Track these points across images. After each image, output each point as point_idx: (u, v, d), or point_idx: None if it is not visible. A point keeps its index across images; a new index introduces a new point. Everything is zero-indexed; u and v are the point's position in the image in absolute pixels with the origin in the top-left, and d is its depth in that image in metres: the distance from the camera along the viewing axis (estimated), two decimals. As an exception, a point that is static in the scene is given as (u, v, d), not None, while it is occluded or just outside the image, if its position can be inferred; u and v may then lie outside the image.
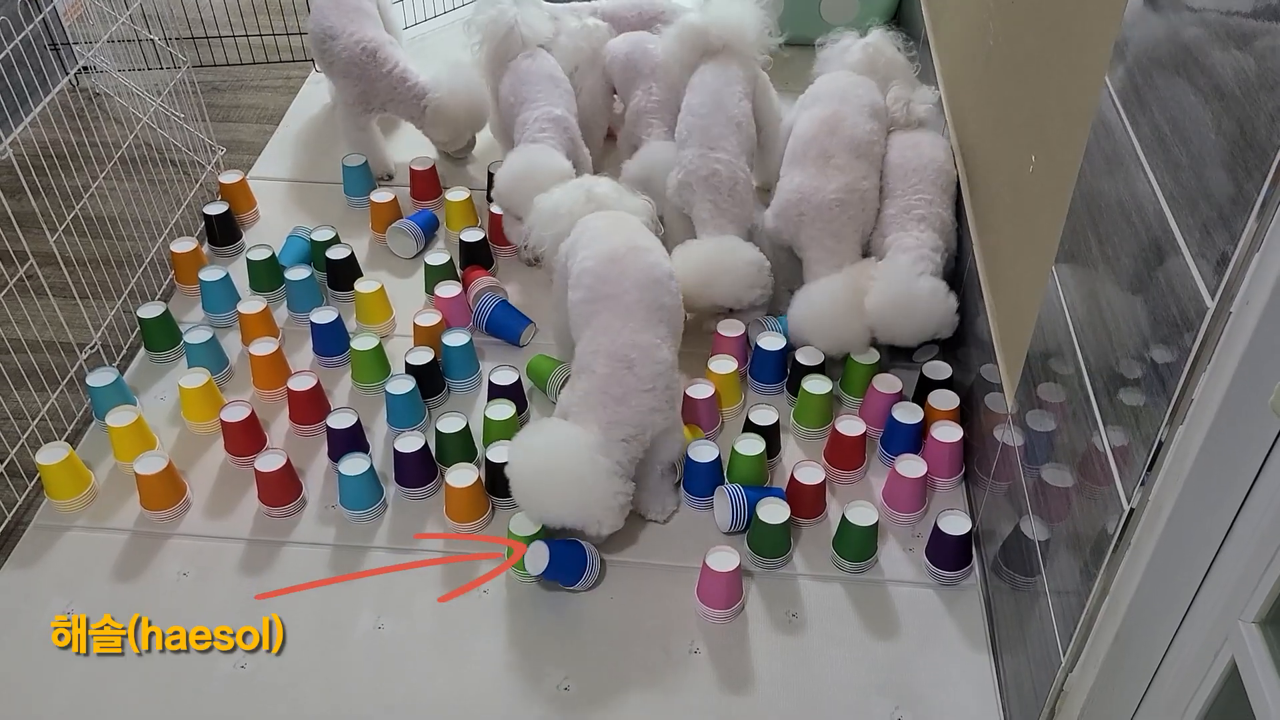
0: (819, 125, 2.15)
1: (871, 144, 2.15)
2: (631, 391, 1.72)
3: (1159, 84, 1.13)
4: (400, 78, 2.50)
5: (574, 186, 2.05)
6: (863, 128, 2.14)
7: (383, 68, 2.48)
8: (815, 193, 2.08)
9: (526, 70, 2.44)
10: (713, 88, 2.25)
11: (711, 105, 2.22)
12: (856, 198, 2.09)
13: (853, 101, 2.18)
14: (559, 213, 2.01)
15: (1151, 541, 1.14)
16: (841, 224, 2.08)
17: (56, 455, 1.85)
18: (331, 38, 2.50)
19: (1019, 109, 1.76)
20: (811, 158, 2.12)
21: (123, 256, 2.41)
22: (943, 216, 2.08)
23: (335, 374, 2.15)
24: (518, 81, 2.43)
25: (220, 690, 1.62)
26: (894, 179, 2.14)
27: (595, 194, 2.01)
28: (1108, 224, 1.25)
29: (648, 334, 1.77)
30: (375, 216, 2.45)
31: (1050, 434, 1.44)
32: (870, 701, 1.62)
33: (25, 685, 1.63)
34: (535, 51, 2.49)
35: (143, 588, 1.77)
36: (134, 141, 2.71)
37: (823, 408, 1.98)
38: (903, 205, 2.09)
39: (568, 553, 1.72)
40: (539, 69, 2.44)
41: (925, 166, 2.12)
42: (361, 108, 2.55)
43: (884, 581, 1.79)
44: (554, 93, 2.40)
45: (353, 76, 2.50)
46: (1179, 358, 1.04)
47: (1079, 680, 1.30)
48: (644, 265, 1.82)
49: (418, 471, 1.89)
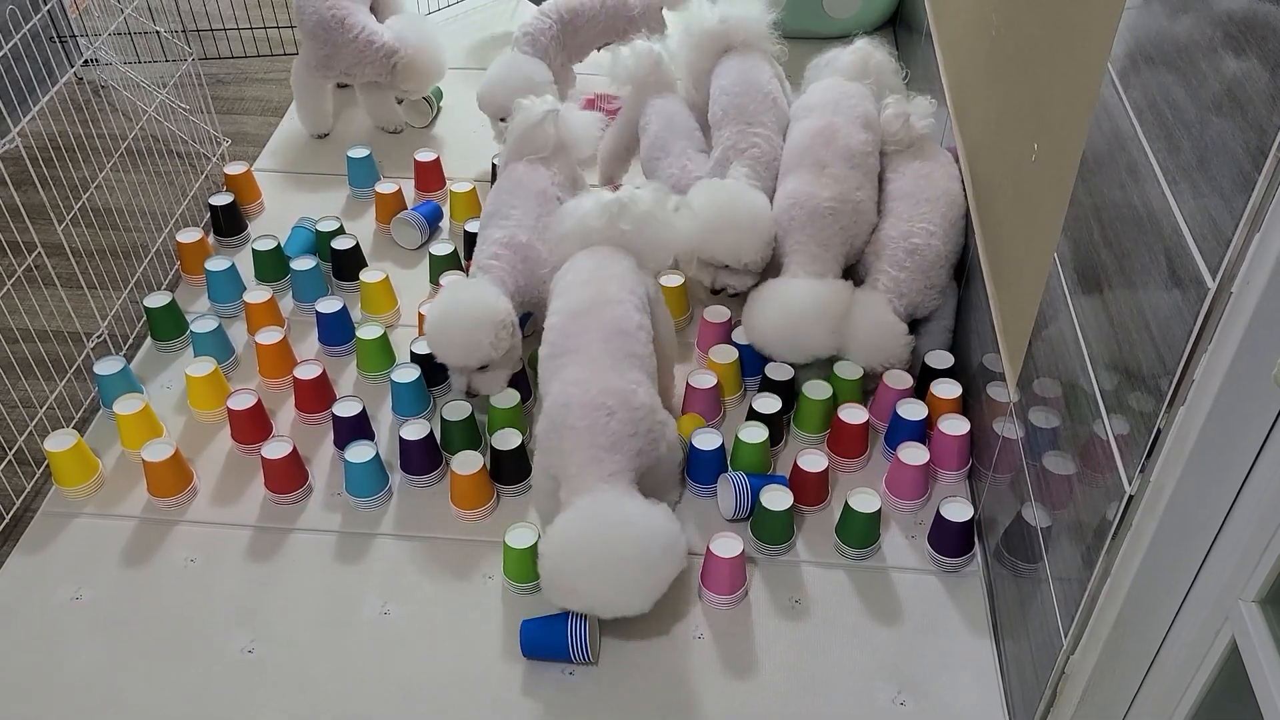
0: (813, 136, 2.13)
1: (865, 155, 2.12)
2: (621, 438, 1.65)
3: (1160, 67, 1.14)
4: (367, 41, 2.56)
5: (606, 201, 1.86)
6: (857, 139, 2.12)
7: (349, 33, 2.54)
8: (809, 198, 2.06)
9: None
10: (740, 69, 2.28)
11: (744, 84, 2.24)
12: (849, 208, 2.06)
13: (845, 112, 2.16)
14: (585, 228, 1.87)
15: (1152, 524, 1.15)
16: (831, 233, 2.05)
17: (65, 443, 1.86)
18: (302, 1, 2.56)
19: (1021, 98, 1.76)
20: (807, 166, 2.11)
21: (129, 247, 2.42)
22: (937, 249, 2.01)
23: (340, 363, 2.16)
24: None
25: (228, 674, 1.63)
26: (902, 205, 2.08)
27: (633, 211, 1.85)
28: (1110, 209, 1.26)
29: (620, 379, 1.69)
30: (380, 207, 2.47)
31: (1052, 421, 1.45)
32: (872, 686, 1.63)
33: (33, 669, 1.64)
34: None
35: (150, 574, 1.78)
36: (139, 133, 2.72)
37: (823, 413, 1.98)
38: (903, 231, 2.04)
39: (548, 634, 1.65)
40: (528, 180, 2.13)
41: (938, 199, 2.06)
42: (323, 72, 2.62)
43: (886, 568, 1.80)
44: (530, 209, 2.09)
45: (319, 39, 2.55)
46: (1180, 339, 1.05)
47: (1080, 663, 1.31)
48: (610, 319, 1.74)
49: (423, 459, 1.90)
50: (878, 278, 2.02)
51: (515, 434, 1.88)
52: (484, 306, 1.86)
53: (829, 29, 3.14)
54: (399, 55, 2.59)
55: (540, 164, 2.13)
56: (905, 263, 2.00)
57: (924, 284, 2.01)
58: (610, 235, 1.86)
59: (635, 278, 1.84)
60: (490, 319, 1.85)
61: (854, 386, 2.00)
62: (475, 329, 1.84)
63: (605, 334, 1.72)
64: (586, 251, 1.86)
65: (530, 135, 2.13)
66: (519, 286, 1.98)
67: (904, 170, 2.14)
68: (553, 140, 2.14)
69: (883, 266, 2.03)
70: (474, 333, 1.84)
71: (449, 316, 1.86)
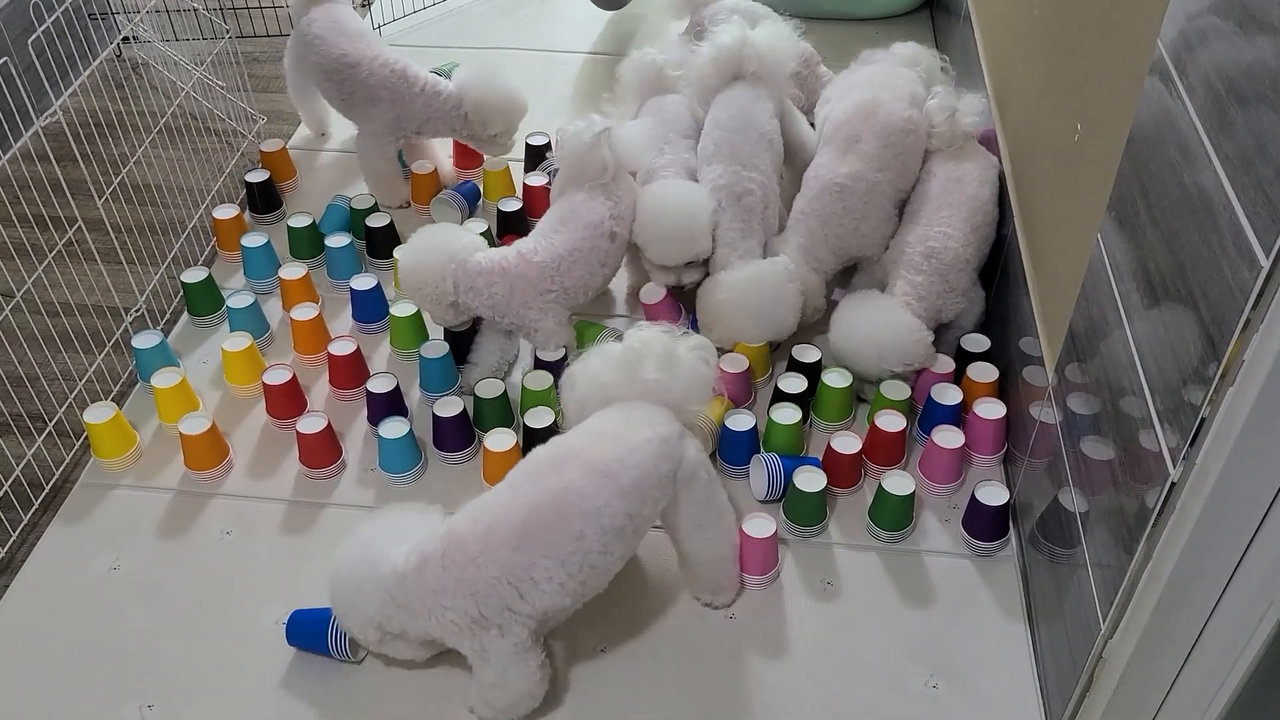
0: (853, 110, 2.08)
1: (905, 134, 2.05)
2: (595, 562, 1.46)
3: (1214, 44, 1.12)
4: (434, 92, 2.32)
5: (617, 352, 1.56)
6: (899, 114, 2.05)
7: (414, 86, 2.31)
8: (827, 172, 2.04)
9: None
10: (741, 103, 2.10)
11: (741, 121, 2.07)
12: (863, 187, 2.01)
13: (891, 89, 2.11)
14: (601, 388, 1.56)
15: (1197, 508, 1.13)
16: (833, 211, 2.01)
17: (104, 415, 1.88)
18: (351, 66, 2.31)
19: (1064, 78, 1.74)
20: (837, 142, 2.07)
21: (166, 223, 2.44)
22: (956, 251, 1.96)
23: (374, 340, 2.17)
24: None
25: (262, 645, 1.65)
26: (923, 210, 2.03)
27: (655, 352, 1.54)
28: (1157, 188, 1.24)
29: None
30: (416, 188, 2.47)
31: (1092, 405, 1.43)
32: (904, 669, 1.62)
33: (72, 637, 1.66)
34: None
35: (186, 545, 1.80)
36: (177, 110, 2.74)
37: (843, 401, 1.95)
38: (920, 235, 1.99)
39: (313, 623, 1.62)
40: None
41: (961, 204, 2.00)
42: (392, 135, 2.38)
43: (920, 551, 1.79)
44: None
45: (384, 102, 2.32)
46: (1231, 319, 1.03)
47: (1118, 647, 1.30)
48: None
49: (456, 436, 1.91)
50: (895, 283, 1.99)
51: (548, 412, 1.88)
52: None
53: (866, 10, 3.10)
54: (466, 99, 2.32)
55: (602, 194, 1.98)
56: (922, 266, 1.97)
57: (943, 287, 1.97)
58: (635, 390, 1.54)
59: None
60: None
61: (902, 406, 1.92)
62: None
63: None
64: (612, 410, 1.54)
65: (583, 162, 1.96)
66: (497, 294, 1.91)
67: (936, 172, 2.07)
68: (611, 163, 1.96)
69: (900, 272, 1.99)
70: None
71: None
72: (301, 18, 2.40)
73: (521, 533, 1.42)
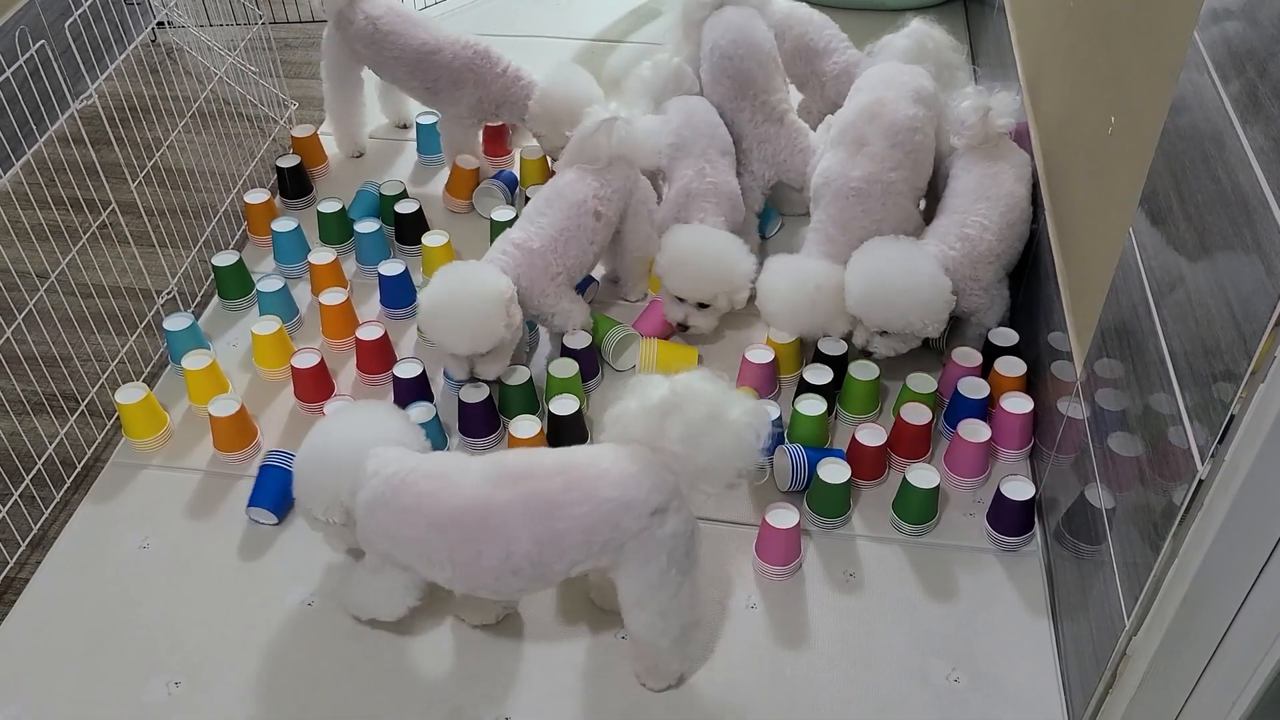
0: (859, 112, 2.08)
1: (912, 131, 2.04)
2: None
3: (1250, 36, 1.10)
4: (515, 76, 2.33)
5: (653, 402, 1.42)
6: (904, 112, 2.04)
7: (496, 67, 2.32)
8: (838, 177, 2.03)
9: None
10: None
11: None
12: (879, 189, 2.00)
13: (897, 87, 2.09)
14: (625, 436, 1.46)
15: (1225, 504, 1.12)
16: (852, 215, 2.01)
17: (135, 395, 1.90)
18: (433, 52, 2.31)
19: (1099, 70, 1.72)
20: (846, 144, 2.07)
21: (198, 207, 2.47)
22: (989, 242, 1.95)
23: (401, 325, 2.19)
24: None
25: (289, 624, 1.67)
26: (960, 201, 2.01)
27: (688, 416, 1.39)
28: (1191, 183, 1.23)
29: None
30: (456, 181, 2.44)
31: (1121, 401, 1.42)
32: (926, 662, 1.62)
33: (102, 614, 1.69)
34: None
35: (215, 525, 1.82)
36: (209, 95, 2.77)
37: (869, 394, 1.95)
38: (957, 220, 1.98)
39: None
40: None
41: (999, 199, 1.99)
42: (475, 118, 2.39)
43: (943, 545, 1.78)
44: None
45: (468, 84, 2.33)
46: (1263, 313, 1.02)
47: (1143, 644, 1.29)
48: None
49: (481, 422, 1.92)
50: (927, 248, 1.97)
51: (573, 399, 1.89)
52: (487, 286, 1.80)
53: (900, 1, 3.08)
54: (536, 93, 2.32)
55: (591, 175, 2.02)
56: (955, 245, 1.95)
57: (969, 273, 1.95)
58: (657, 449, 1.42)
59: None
60: (496, 297, 1.80)
61: (928, 399, 1.92)
62: (484, 310, 1.78)
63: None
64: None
65: (584, 145, 2.02)
66: (520, 289, 1.91)
67: (972, 169, 2.04)
68: (605, 151, 2.01)
69: (932, 242, 1.98)
70: (484, 314, 1.78)
71: (454, 300, 1.80)
72: (350, 19, 2.35)
73: (448, 519, 1.45)
